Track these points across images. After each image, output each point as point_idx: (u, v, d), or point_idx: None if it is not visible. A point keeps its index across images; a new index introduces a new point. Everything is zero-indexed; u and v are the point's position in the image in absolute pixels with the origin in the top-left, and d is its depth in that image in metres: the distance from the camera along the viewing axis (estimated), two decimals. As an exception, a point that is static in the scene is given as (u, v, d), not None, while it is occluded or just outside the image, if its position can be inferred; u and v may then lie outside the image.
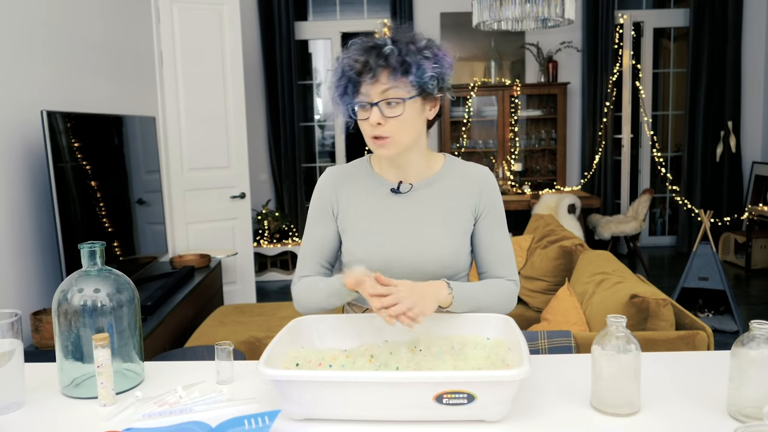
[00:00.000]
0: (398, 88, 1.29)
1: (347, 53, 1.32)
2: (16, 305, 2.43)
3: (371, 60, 1.28)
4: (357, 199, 1.45)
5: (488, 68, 6.05)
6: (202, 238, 4.25)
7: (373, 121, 1.30)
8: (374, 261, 1.38)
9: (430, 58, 1.31)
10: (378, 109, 1.29)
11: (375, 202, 1.43)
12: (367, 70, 1.28)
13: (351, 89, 1.31)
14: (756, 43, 5.96)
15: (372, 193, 1.44)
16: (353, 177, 1.47)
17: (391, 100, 1.29)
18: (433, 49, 1.33)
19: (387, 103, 1.30)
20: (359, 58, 1.29)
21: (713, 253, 3.79)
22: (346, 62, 1.30)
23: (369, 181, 1.46)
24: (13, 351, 1.19)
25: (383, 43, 1.29)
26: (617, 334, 1.09)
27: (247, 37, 5.49)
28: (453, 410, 1.05)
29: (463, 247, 1.41)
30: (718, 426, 1.06)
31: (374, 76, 1.28)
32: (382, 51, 1.28)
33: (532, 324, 2.96)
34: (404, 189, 1.42)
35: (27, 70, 2.58)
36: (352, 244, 1.43)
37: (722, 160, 5.97)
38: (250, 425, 1.04)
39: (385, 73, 1.28)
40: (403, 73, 1.28)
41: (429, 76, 1.30)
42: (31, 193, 2.58)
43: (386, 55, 1.28)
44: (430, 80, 1.30)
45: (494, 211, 1.44)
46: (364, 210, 1.43)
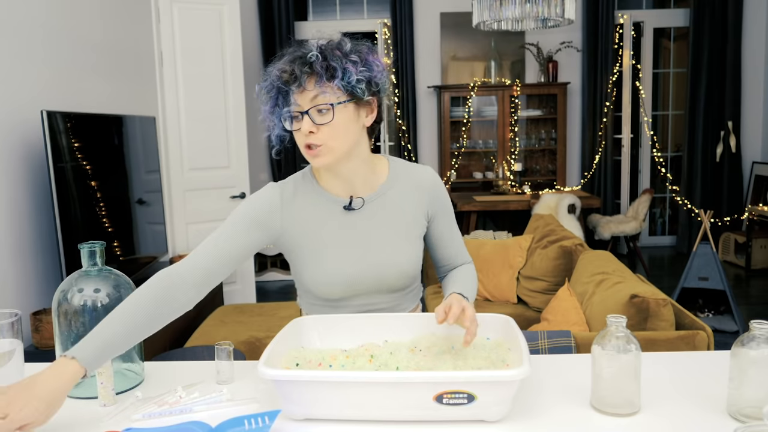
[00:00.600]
0: (326, 94, 1.26)
1: (274, 65, 1.30)
2: (16, 305, 2.43)
3: (296, 68, 1.26)
4: (308, 220, 1.38)
5: (488, 68, 6.05)
6: (202, 238, 4.22)
7: (304, 129, 1.27)
8: (335, 282, 1.36)
9: (357, 62, 1.27)
10: (309, 118, 1.26)
11: (328, 221, 1.38)
12: (293, 78, 1.26)
13: (281, 101, 1.29)
14: (756, 43, 5.97)
15: (323, 212, 1.38)
16: (299, 196, 1.40)
17: (320, 106, 1.26)
18: (361, 53, 1.29)
19: (318, 111, 1.26)
20: (286, 68, 1.27)
21: (713, 253, 3.79)
22: (273, 74, 1.29)
23: (317, 198, 1.39)
24: (13, 351, 1.19)
25: (308, 50, 1.27)
26: (617, 334, 1.09)
27: (247, 37, 5.49)
28: (453, 410, 1.05)
29: (419, 253, 1.43)
30: (718, 426, 1.06)
31: (300, 84, 1.25)
32: (306, 58, 1.26)
33: (532, 324, 2.96)
34: (357, 205, 1.38)
35: (27, 70, 2.58)
36: (311, 268, 1.37)
37: (722, 160, 5.97)
38: (250, 425, 1.04)
39: (312, 80, 1.26)
40: (329, 78, 1.25)
41: (356, 79, 1.26)
42: (31, 193, 2.58)
43: (310, 62, 1.25)
44: (358, 84, 1.27)
45: (445, 209, 1.47)
46: (317, 231, 1.38)
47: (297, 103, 1.28)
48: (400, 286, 1.42)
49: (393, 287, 1.41)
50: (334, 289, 1.37)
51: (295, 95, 1.27)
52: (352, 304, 1.41)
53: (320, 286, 1.38)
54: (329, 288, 1.37)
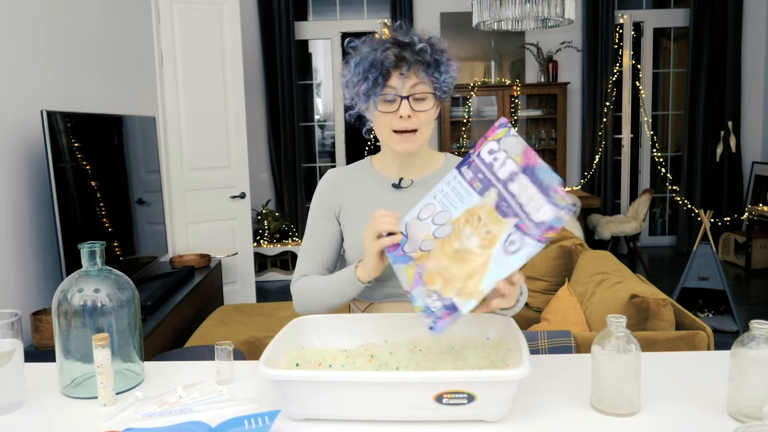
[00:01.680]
0: (425, 85, 1.32)
1: (377, 45, 1.32)
2: (16, 305, 2.43)
3: (407, 54, 1.30)
4: (358, 196, 1.46)
5: (488, 68, 6.05)
6: (202, 238, 4.25)
7: (403, 113, 1.31)
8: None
9: (450, 60, 1.36)
10: (407, 102, 1.31)
11: (376, 197, 1.45)
12: (404, 63, 1.30)
13: (381, 81, 1.31)
14: (756, 43, 5.96)
15: (372, 189, 1.46)
16: (354, 176, 1.49)
17: (419, 95, 1.31)
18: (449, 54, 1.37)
19: (415, 98, 1.32)
20: (395, 51, 1.30)
21: (713, 253, 3.79)
22: (379, 54, 1.30)
23: (370, 179, 1.48)
24: (13, 351, 1.19)
25: (412, 39, 1.32)
26: (617, 334, 1.09)
27: (247, 37, 5.49)
28: (453, 410, 1.05)
29: None
30: (718, 426, 1.06)
31: (409, 69, 1.30)
32: (415, 47, 1.31)
33: (532, 324, 2.96)
34: (405, 184, 1.44)
35: (27, 70, 2.58)
36: (352, 240, 1.44)
37: (722, 160, 5.97)
38: (250, 425, 1.03)
39: (418, 68, 1.31)
40: (435, 70, 1.32)
41: (452, 77, 1.35)
42: (31, 193, 2.58)
43: (421, 51, 1.31)
44: (453, 80, 1.36)
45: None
46: (364, 206, 1.44)
47: (396, 87, 1.31)
48: None
49: None
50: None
51: (397, 79, 1.31)
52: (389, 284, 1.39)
53: (357, 257, 1.39)
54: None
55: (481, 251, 1.09)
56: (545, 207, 1.04)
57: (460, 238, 1.12)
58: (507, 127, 1.15)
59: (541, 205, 1.05)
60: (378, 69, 1.31)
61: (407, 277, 1.16)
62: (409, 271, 1.16)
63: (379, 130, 1.38)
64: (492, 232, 1.09)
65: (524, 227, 1.06)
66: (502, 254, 1.07)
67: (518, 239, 1.06)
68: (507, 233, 1.07)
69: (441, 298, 1.10)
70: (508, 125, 1.15)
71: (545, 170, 1.06)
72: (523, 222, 1.06)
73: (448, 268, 1.11)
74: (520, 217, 1.07)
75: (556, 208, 1.04)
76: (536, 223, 1.05)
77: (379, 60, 1.30)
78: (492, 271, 1.08)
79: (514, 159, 1.10)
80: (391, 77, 1.31)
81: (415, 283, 1.14)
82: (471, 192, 1.14)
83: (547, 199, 1.05)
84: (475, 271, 1.09)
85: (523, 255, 1.05)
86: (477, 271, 1.09)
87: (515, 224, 1.07)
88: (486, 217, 1.11)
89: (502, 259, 1.07)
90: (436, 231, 1.16)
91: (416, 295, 1.14)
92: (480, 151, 1.16)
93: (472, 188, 1.14)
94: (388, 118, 1.34)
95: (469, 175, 1.16)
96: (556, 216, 1.03)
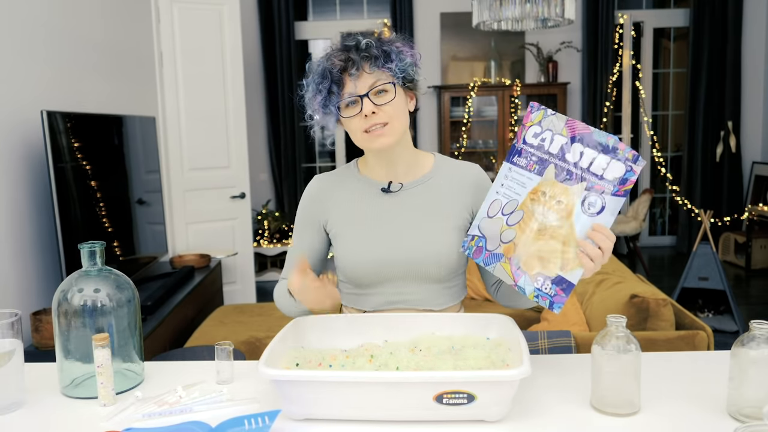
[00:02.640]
0: (381, 77, 1.31)
1: (323, 57, 1.33)
2: (16, 305, 2.43)
3: (352, 55, 1.29)
4: (346, 204, 1.43)
5: (488, 68, 6.05)
6: (202, 238, 4.25)
7: (367, 110, 1.29)
8: (368, 264, 1.37)
9: (404, 47, 1.34)
10: (369, 100, 1.30)
11: (365, 203, 1.42)
12: (351, 64, 1.29)
13: (336, 89, 1.31)
14: (756, 43, 5.96)
15: (361, 195, 1.43)
16: (340, 183, 1.46)
17: (379, 87, 1.30)
18: (404, 41, 1.36)
19: (377, 93, 1.30)
20: (341, 56, 1.30)
21: (713, 253, 3.79)
22: (326, 64, 1.31)
23: (356, 184, 1.44)
24: (13, 351, 1.19)
25: (356, 40, 1.31)
26: (617, 334, 1.09)
27: (247, 37, 5.49)
28: (453, 410, 1.05)
29: (457, 245, 1.39)
30: (718, 426, 1.06)
31: (358, 69, 1.29)
32: (360, 45, 1.30)
33: (532, 324, 2.96)
34: (395, 188, 1.41)
35: (27, 70, 2.58)
36: (345, 248, 1.40)
37: (722, 160, 5.97)
38: (250, 425, 1.04)
39: (367, 64, 1.30)
40: (385, 60, 1.30)
41: (408, 62, 1.33)
42: (31, 193, 2.58)
43: (366, 47, 1.30)
44: (410, 67, 1.34)
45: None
46: (354, 213, 1.41)
47: (354, 88, 1.30)
48: (435, 277, 1.38)
49: (427, 276, 1.37)
50: (365, 269, 1.37)
51: (350, 82, 1.30)
52: (384, 291, 1.39)
53: (351, 266, 1.38)
54: (360, 267, 1.37)
55: (562, 222, 1.14)
56: (613, 164, 1.11)
57: (536, 218, 1.16)
58: (542, 109, 1.20)
59: (608, 162, 1.11)
60: (328, 79, 1.30)
61: (506, 273, 1.19)
62: (505, 266, 1.19)
63: (353, 135, 1.36)
64: (563, 202, 1.14)
65: (598, 188, 1.12)
66: (586, 218, 1.13)
67: (597, 199, 1.12)
68: (580, 198, 1.13)
69: (548, 278, 1.14)
70: (542, 107, 1.21)
71: (600, 134, 1.13)
72: (594, 184, 1.12)
73: (539, 249, 1.15)
74: (588, 180, 1.12)
75: (623, 163, 1.10)
76: (609, 181, 1.11)
77: (327, 69, 1.30)
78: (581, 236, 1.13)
79: (561, 133, 1.16)
80: (345, 82, 1.30)
81: (516, 276, 1.18)
82: (530, 176, 1.19)
83: (613, 157, 1.11)
84: (565, 241, 1.13)
85: (608, 212, 1.11)
86: (567, 241, 1.13)
87: (585, 187, 1.12)
88: (550, 190, 1.16)
89: (586, 222, 1.12)
90: (508, 219, 1.20)
91: (523, 284, 1.17)
92: (524, 137, 1.21)
93: (531, 172, 1.19)
94: (354, 122, 1.32)
95: (523, 162, 1.20)
96: (627, 169, 1.10)
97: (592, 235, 1.11)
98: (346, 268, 1.40)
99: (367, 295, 1.41)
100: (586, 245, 1.11)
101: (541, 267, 1.14)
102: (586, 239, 1.12)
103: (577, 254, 1.12)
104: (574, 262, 1.12)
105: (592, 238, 1.12)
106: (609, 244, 1.12)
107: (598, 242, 1.11)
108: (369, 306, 1.42)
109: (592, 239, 1.12)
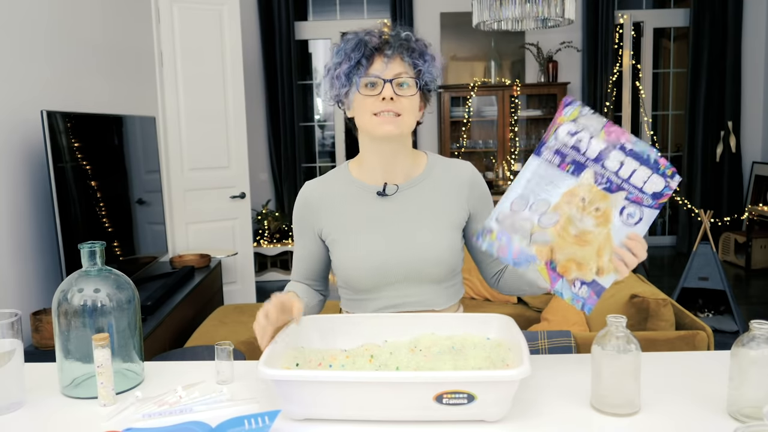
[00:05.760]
0: (408, 71, 1.31)
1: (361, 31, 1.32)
2: (16, 305, 2.43)
3: (391, 39, 1.30)
4: (340, 210, 1.41)
5: (488, 68, 6.05)
6: (202, 238, 4.25)
7: (386, 94, 1.28)
8: (367, 269, 1.37)
9: (435, 57, 1.34)
10: (390, 86, 1.29)
11: (360, 209, 1.40)
12: (388, 46, 1.29)
13: (364, 62, 1.30)
14: (756, 43, 5.96)
15: (356, 200, 1.41)
16: (332, 189, 1.43)
17: (405, 79, 1.30)
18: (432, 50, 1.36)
19: (399, 83, 1.30)
20: (379, 34, 1.30)
21: (713, 253, 3.79)
22: (364, 37, 1.30)
23: (350, 188, 1.42)
24: (13, 351, 1.19)
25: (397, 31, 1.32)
26: (617, 334, 1.09)
27: (247, 37, 5.49)
28: (453, 410, 1.05)
29: (456, 244, 1.39)
30: (718, 426, 1.06)
31: (393, 53, 1.29)
32: (400, 33, 1.31)
33: (532, 324, 2.96)
34: (390, 191, 1.40)
35: (27, 70, 2.58)
36: (343, 255, 1.39)
37: (722, 160, 5.97)
38: (250, 425, 1.03)
39: (403, 53, 1.30)
40: (419, 58, 1.31)
41: (436, 69, 1.34)
42: (31, 193, 2.58)
43: (406, 38, 1.31)
44: (435, 77, 1.35)
45: (488, 204, 1.45)
46: (349, 219, 1.40)
47: (378, 70, 1.29)
48: (434, 277, 1.38)
49: (426, 277, 1.37)
50: (365, 275, 1.36)
51: (380, 63, 1.29)
52: (384, 295, 1.38)
53: (351, 272, 1.38)
54: (359, 273, 1.37)
55: (600, 229, 1.15)
56: (654, 178, 1.13)
57: (574, 223, 1.16)
58: (578, 105, 1.17)
59: (649, 176, 1.13)
60: (361, 51, 1.29)
61: (543, 277, 1.19)
62: (542, 271, 1.19)
63: (360, 115, 1.33)
64: (601, 209, 1.15)
65: (638, 199, 1.14)
66: (623, 227, 1.15)
67: (636, 210, 1.14)
68: (619, 207, 1.14)
69: (585, 283, 1.16)
70: (578, 102, 1.18)
71: (641, 144, 1.13)
72: (634, 195, 1.13)
73: (575, 253, 1.16)
74: (628, 190, 1.14)
75: (663, 177, 1.13)
76: (649, 194, 1.13)
77: (363, 41, 1.30)
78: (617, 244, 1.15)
79: (599, 137, 1.15)
80: (375, 61, 1.30)
81: (554, 279, 1.18)
82: (565, 176, 1.16)
83: (653, 171, 1.12)
84: (601, 248, 1.15)
85: (644, 223, 1.14)
86: (603, 248, 1.15)
87: (626, 197, 1.14)
88: (589, 196, 1.16)
89: (623, 231, 1.15)
90: (541, 220, 1.17)
91: (560, 289, 1.18)
92: (557, 134, 1.17)
93: (565, 172, 1.17)
94: (369, 102, 1.30)
95: (556, 160, 1.17)
96: (666, 185, 1.13)
97: (630, 244, 1.13)
98: (345, 274, 1.40)
99: (367, 300, 1.41)
100: (624, 254, 1.13)
101: (577, 272, 1.16)
102: (623, 247, 1.14)
103: (611, 260, 1.14)
104: (608, 268, 1.15)
105: (629, 247, 1.13)
106: (644, 254, 1.14)
107: (635, 251, 1.13)
108: (369, 311, 1.41)
109: (630, 248, 1.13)
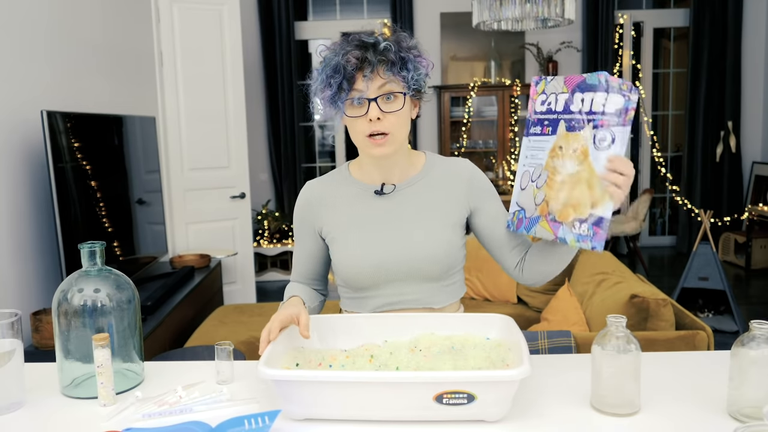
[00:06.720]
0: (393, 84, 1.28)
1: (339, 49, 1.28)
2: (16, 305, 2.43)
3: (369, 55, 1.26)
4: (340, 209, 1.42)
5: (488, 68, 6.05)
6: (202, 238, 4.25)
7: (372, 116, 1.27)
8: (366, 267, 1.37)
9: (420, 57, 1.32)
10: (376, 105, 1.27)
11: (359, 207, 1.41)
12: (367, 64, 1.25)
13: (346, 86, 1.27)
14: (756, 43, 5.96)
15: (355, 199, 1.42)
16: (332, 188, 1.44)
17: (389, 94, 1.28)
18: (419, 50, 1.34)
19: (385, 99, 1.28)
20: (356, 53, 1.26)
21: (713, 253, 3.79)
22: (341, 58, 1.26)
23: (350, 188, 1.43)
24: (13, 351, 1.19)
25: (376, 40, 1.28)
26: (617, 334, 1.09)
27: (247, 37, 5.49)
28: (453, 410, 1.05)
29: (455, 243, 1.39)
30: (718, 426, 1.06)
31: (373, 71, 1.26)
32: (378, 47, 1.27)
33: (532, 324, 2.96)
34: (388, 190, 1.40)
35: (27, 70, 2.58)
36: (342, 254, 1.40)
37: (722, 160, 5.97)
38: (250, 425, 1.04)
39: (383, 68, 1.27)
40: (401, 69, 1.28)
41: (423, 73, 1.32)
42: (31, 193, 2.58)
43: (384, 50, 1.27)
44: (423, 78, 1.32)
45: (490, 193, 1.43)
46: (348, 218, 1.40)
47: (362, 90, 1.27)
48: (433, 275, 1.37)
49: (426, 275, 1.37)
50: (363, 273, 1.36)
51: (362, 82, 1.27)
52: (383, 293, 1.38)
53: (349, 270, 1.38)
54: (358, 271, 1.37)
55: (582, 166, 1.17)
56: (611, 97, 1.14)
57: (559, 171, 1.20)
58: (542, 79, 1.26)
59: (607, 98, 1.14)
60: (341, 74, 1.26)
61: (546, 230, 1.23)
62: (544, 225, 1.23)
63: (354, 135, 1.33)
64: (578, 149, 1.17)
65: (603, 123, 1.15)
66: (600, 154, 1.16)
67: (606, 133, 1.15)
68: (591, 138, 1.16)
69: (583, 221, 1.17)
70: (543, 77, 1.26)
71: (591, 76, 1.16)
72: (599, 120, 1.15)
73: (569, 198, 1.18)
74: (593, 119, 1.16)
75: (620, 93, 1.14)
76: (612, 113, 1.14)
77: (341, 64, 1.26)
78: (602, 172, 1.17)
79: (562, 91, 1.21)
80: (356, 81, 1.27)
81: (555, 228, 1.21)
82: (547, 138, 1.23)
83: (608, 91, 1.14)
84: (590, 183, 1.17)
85: (619, 143, 1.14)
86: (591, 181, 1.17)
87: (593, 126, 1.16)
88: (564, 143, 1.19)
89: (602, 156, 1.15)
90: (537, 183, 1.25)
91: (563, 235, 1.20)
92: (534, 108, 1.27)
93: (546, 135, 1.24)
94: (359, 123, 1.30)
95: (538, 129, 1.25)
96: (625, 99, 1.14)
97: (612, 166, 1.13)
98: (344, 272, 1.40)
99: (366, 298, 1.41)
100: (609, 175, 1.13)
101: (575, 213, 1.18)
102: (607, 172, 1.14)
103: (603, 188, 1.15)
104: (602, 197, 1.15)
105: (612, 169, 1.13)
106: (630, 169, 1.14)
107: (620, 170, 1.13)
108: (368, 309, 1.41)
109: (614, 169, 1.13)
